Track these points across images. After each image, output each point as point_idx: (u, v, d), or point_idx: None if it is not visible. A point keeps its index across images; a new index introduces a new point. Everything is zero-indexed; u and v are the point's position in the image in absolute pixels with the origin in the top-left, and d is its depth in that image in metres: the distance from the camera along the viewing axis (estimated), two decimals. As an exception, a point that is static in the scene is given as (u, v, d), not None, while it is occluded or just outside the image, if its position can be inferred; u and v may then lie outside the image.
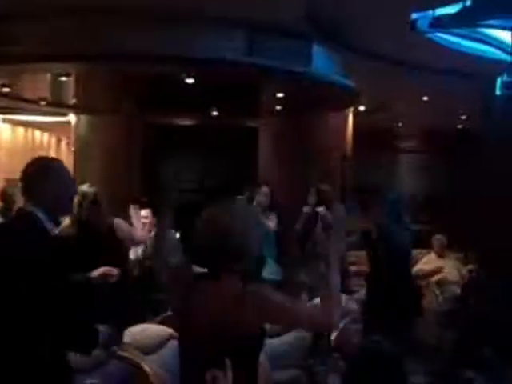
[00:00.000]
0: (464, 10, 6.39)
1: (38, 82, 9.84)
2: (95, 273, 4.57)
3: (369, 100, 11.83)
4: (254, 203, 7.54)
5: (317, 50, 8.75)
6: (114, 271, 4.62)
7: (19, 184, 3.26)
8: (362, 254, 7.43)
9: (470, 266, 9.45)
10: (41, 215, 3.11)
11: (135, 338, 4.47)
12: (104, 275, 4.56)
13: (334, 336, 5.92)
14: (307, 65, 8.65)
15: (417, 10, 7.13)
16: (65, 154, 17.67)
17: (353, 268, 8.59)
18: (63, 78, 8.90)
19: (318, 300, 2.82)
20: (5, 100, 10.99)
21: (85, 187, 5.68)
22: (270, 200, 7.72)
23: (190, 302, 2.77)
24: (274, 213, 7.75)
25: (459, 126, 14.87)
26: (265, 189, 7.76)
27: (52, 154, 18.39)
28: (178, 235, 5.91)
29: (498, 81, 8.25)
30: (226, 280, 2.68)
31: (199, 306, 2.72)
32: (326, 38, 8.24)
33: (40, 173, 3.23)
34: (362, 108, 12.61)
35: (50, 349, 3.01)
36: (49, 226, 3.14)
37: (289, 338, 5.61)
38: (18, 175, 3.30)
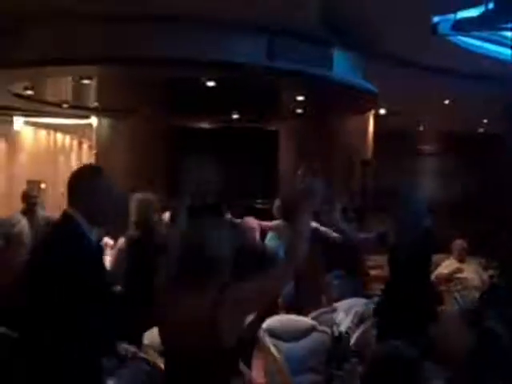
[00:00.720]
0: (486, 12, 6.36)
1: (61, 85, 9.92)
2: None
3: (390, 103, 11.81)
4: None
5: (337, 54, 8.75)
6: None
7: (41, 185, 3.30)
8: (382, 258, 7.39)
9: (491, 272, 9.36)
10: (82, 222, 3.16)
11: (154, 339, 4.49)
12: None
13: (353, 340, 5.89)
14: (328, 69, 8.64)
15: (438, 14, 7.10)
16: (86, 156, 17.80)
17: (373, 272, 8.56)
18: (85, 81, 8.97)
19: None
20: (27, 103, 11.09)
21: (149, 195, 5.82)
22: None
23: (169, 307, 2.84)
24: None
25: (480, 130, 14.78)
26: (277, 202, 7.99)
27: (73, 156, 18.54)
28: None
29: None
30: (200, 291, 2.75)
31: (176, 312, 2.80)
32: (346, 42, 8.24)
33: (85, 180, 3.27)
34: (382, 111, 12.58)
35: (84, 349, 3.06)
36: (90, 233, 3.19)
37: (307, 341, 5.59)
38: (39, 177, 3.34)
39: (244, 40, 8.02)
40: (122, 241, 5.78)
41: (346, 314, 6.29)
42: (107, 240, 7.14)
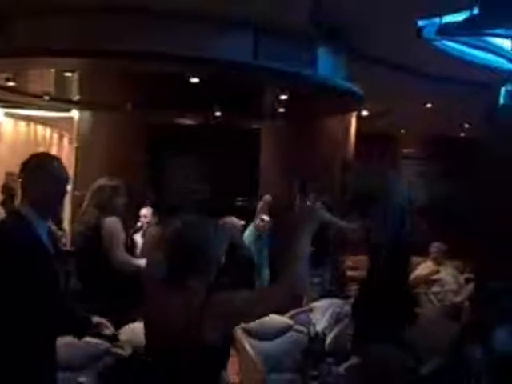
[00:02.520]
0: (471, 17, 6.38)
1: (42, 77, 9.83)
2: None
3: (372, 105, 11.84)
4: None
5: (321, 54, 8.75)
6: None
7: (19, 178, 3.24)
8: (360, 259, 7.42)
9: (467, 275, 9.43)
10: (29, 213, 3.09)
11: (131, 335, 4.46)
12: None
13: (329, 340, 5.91)
14: (312, 68, 8.64)
15: (423, 17, 7.13)
16: (67, 150, 17.65)
17: (350, 273, 8.59)
18: (68, 74, 8.90)
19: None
20: (9, 94, 10.98)
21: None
22: (270, 207, 7.92)
23: (155, 306, 2.83)
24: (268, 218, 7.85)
25: (462, 134, 14.87)
26: (267, 197, 8.03)
27: (54, 149, 18.38)
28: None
29: (502, 90, 8.25)
30: (187, 289, 2.73)
31: (162, 311, 2.77)
32: (330, 41, 8.24)
33: (31, 169, 3.20)
34: (365, 113, 12.61)
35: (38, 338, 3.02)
36: (38, 223, 3.12)
37: (283, 340, 5.61)
38: (18, 169, 3.28)
39: (229, 37, 7.99)
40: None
41: (322, 314, 6.32)
42: None
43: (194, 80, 8.75)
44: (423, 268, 9.58)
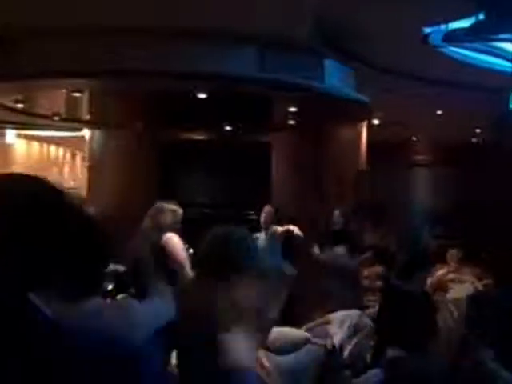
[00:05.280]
0: (477, 23, 6.37)
1: (52, 98, 9.90)
2: None
3: (383, 114, 11.82)
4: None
5: (329, 65, 8.75)
6: None
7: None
8: (375, 269, 7.39)
9: (486, 281, 9.33)
10: None
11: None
12: None
13: (346, 352, 5.87)
14: (319, 79, 8.64)
15: (430, 24, 7.11)
16: (79, 168, 17.77)
17: (365, 282, 8.53)
18: (77, 94, 8.95)
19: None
20: (19, 116, 11.07)
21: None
22: (272, 217, 8.05)
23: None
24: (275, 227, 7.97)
25: (473, 140, 14.81)
26: (267, 208, 8.17)
27: (67, 168, 18.51)
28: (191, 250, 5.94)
29: (511, 95, 8.21)
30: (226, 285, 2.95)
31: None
32: (338, 53, 8.24)
33: None
34: (376, 122, 12.59)
35: None
36: None
37: (301, 354, 5.57)
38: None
39: (235, 52, 8.01)
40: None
41: (339, 325, 6.27)
42: None
43: (202, 95, 8.77)
44: (440, 275, 9.51)
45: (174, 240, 5.74)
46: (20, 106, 9.87)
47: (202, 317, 2.87)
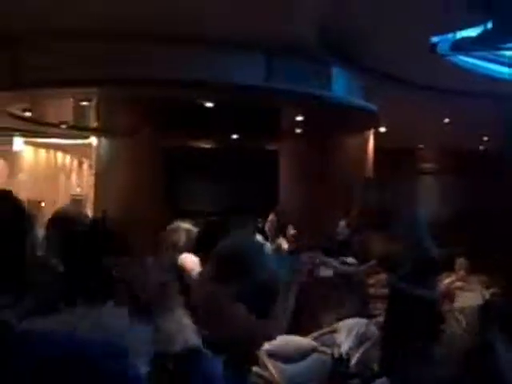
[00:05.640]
0: (485, 33, 6.36)
1: (60, 106, 9.93)
2: None
3: (390, 121, 11.81)
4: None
5: (336, 74, 8.74)
6: None
7: (41, 204, 3.23)
8: (380, 277, 7.36)
9: (493, 290, 9.29)
10: None
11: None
12: None
13: (354, 361, 5.84)
14: (326, 88, 8.64)
15: (437, 34, 7.11)
16: (86, 175, 17.79)
17: (371, 290, 8.50)
18: (85, 103, 8.98)
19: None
20: (27, 124, 11.11)
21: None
22: (277, 225, 8.04)
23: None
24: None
25: (481, 148, 14.78)
26: (271, 217, 8.14)
27: (74, 175, 18.55)
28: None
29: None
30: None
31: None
32: (345, 61, 8.24)
33: None
34: (382, 129, 12.57)
35: None
36: None
37: (308, 363, 5.55)
38: (39, 196, 3.29)
39: (242, 61, 8.01)
40: None
41: (347, 334, 6.24)
42: None
43: (209, 104, 8.78)
44: (447, 283, 9.48)
45: (189, 260, 5.69)
46: (28, 114, 9.90)
47: None
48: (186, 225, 5.98)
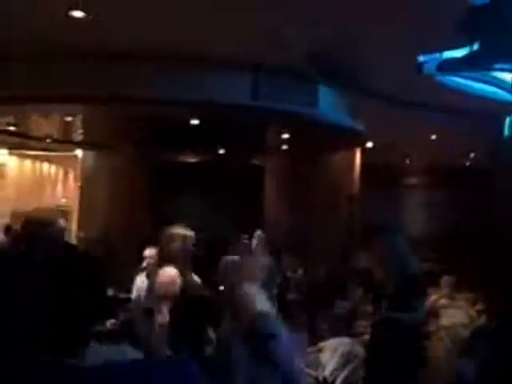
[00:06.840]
0: (471, 53, 6.37)
1: (44, 121, 9.87)
2: None
3: (376, 137, 11.83)
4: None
5: (323, 92, 8.73)
6: None
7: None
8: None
9: (479, 307, 9.28)
10: None
11: None
12: None
13: (338, 381, 5.81)
14: (313, 107, 8.62)
15: (424, 53, 7.13)
16: (72, 186, 17.68)
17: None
18: (69, 118, 8.94)
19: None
20: (12, 138, 11.04)
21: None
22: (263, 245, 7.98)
23: None
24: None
25: (467, 164, 14.83)
26: (258, 233, 8.09)
27: (59, 186, 18.42)
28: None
29: (507, 121, 8.22)
30: None
31: None
32: (331, 79, 8.23)
33: None
34: (369, 145, 12.59)
35: None
36: None
37: None
38: (25, 207, 3.27)
39: (228, 79, 7.99)
40: None
41: (332, 353, 6.20)
42: None
43: (195, 122, 8.75)
44: (432, 300, 9.45)
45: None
46: (12, 128, 9.84)
47: None
48: (182, 230, 5.79)
